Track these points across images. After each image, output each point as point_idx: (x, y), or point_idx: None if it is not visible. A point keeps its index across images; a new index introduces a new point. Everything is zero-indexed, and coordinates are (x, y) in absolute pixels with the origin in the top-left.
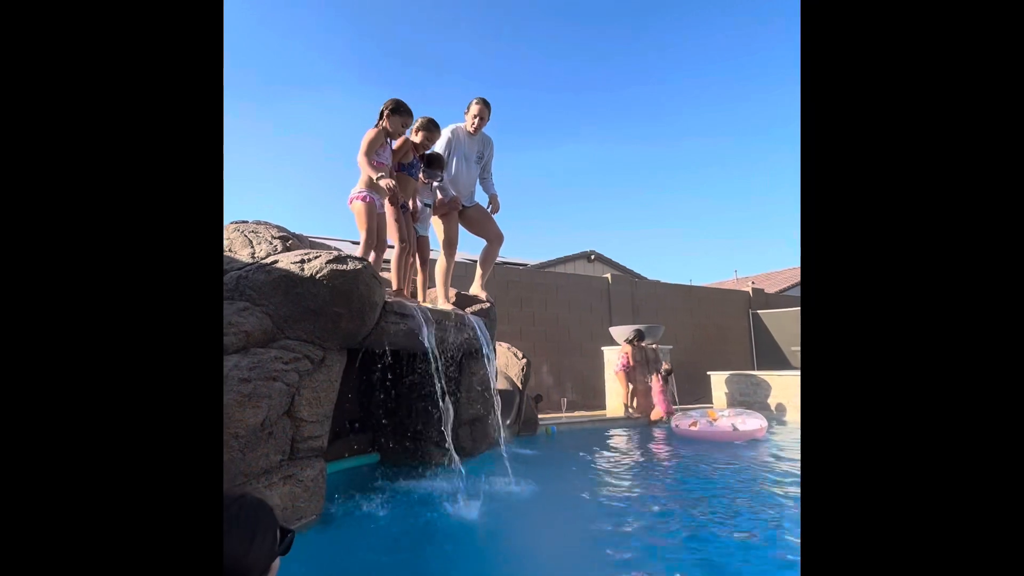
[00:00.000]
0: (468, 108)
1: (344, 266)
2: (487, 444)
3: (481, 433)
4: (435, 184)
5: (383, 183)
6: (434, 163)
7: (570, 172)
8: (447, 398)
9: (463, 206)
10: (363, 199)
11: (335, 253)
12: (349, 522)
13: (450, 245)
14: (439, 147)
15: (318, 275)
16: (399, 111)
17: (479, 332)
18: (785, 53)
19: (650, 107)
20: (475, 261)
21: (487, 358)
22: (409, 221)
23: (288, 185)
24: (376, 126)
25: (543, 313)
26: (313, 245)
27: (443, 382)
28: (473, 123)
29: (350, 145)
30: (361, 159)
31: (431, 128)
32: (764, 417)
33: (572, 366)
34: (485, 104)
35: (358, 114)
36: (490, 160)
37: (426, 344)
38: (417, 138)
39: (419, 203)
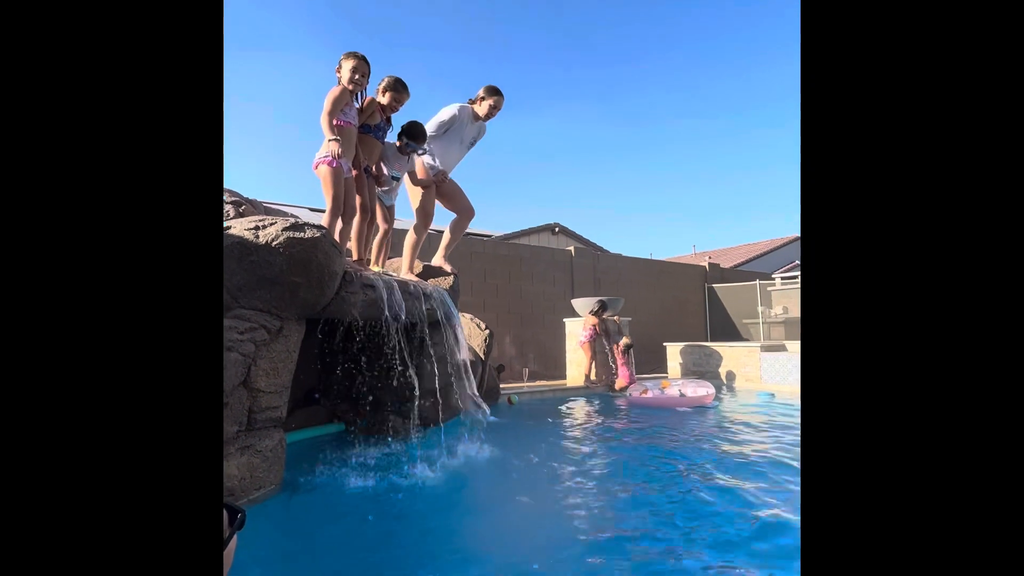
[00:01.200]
0: (487, 96)
1: (301, 234)
2: (450, 413)
3: (444, 403)
4: (419, 155)
5: (331, 146)
6: (418, 135)
7: (536, 146)
8: (410, 368)
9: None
10: (328, 163)
11: (291, 220)
12: (309, 490)
13: (426, 217)
14: (442, 120)
15: (274, 243)
16: (358, 59)
17: (443, 303)
18: (751, 37)
19: (618, 86)
20: (440, 232)
21: (451, 328)
22: (372, 187)
23: (235, 151)
24: (338, 83)
25: (507, 285)
26: (268, 212)
27: (406, 353)
28: (487, 112)
29: (302, 111)
30: (323, 120)
31: (399, 88)
32: (712, 385)
33: (534, 337)
34: (502, 98)
35: (310, 79)
36: (478, 140)
37: (388, 315)
38: (384, 99)
39: (385, 172)
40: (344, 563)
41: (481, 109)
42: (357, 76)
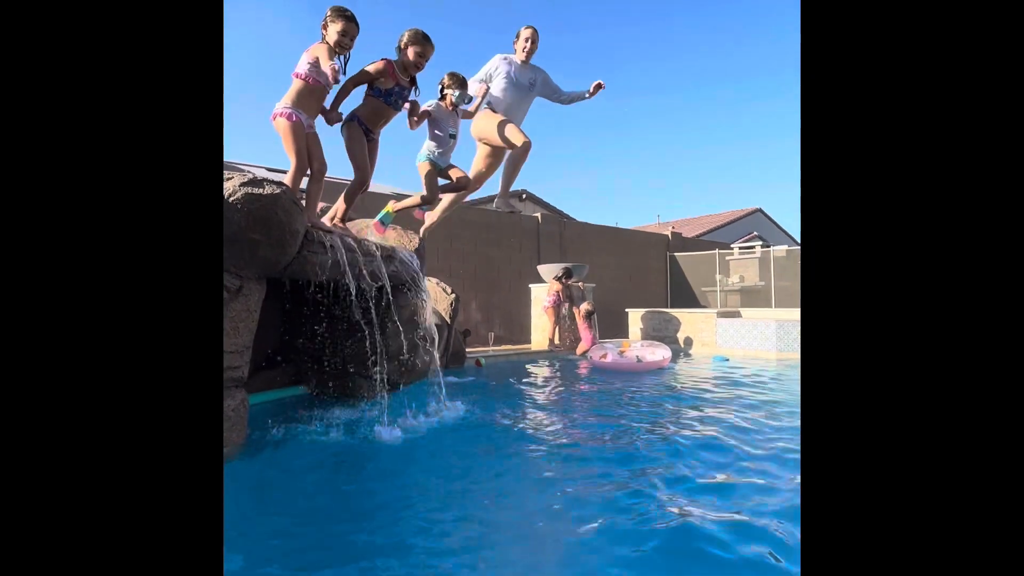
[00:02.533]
0: (518, 35)
1: (260, 190)
2: (416, 376)
3: (410, 366)
4: (465, 105)
5: (327, 67)
6: (464, 83)
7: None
8: (375, 331)
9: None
10: (287, 116)
11: (250, 176)
12: (272, 450)
13: (478, 181)
14: (488, 72)
15: (231, 199)
16: (348, 21)
17: (407, 265)
18: (720, 10)
19: (590, 54)
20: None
21: (418, 291)
22: (375, 151)
23: None
24: (322, 40)
25: (473, 250)
26: (225, 168)
27: (372, 314)
28: (525, 47)
29: (256, 64)
30: (324, 65)
31: (423, 42)
32: (669, 349)
33: (500, 303)
34: (535, 30)
35: (262, 31)
36: (549, 82)
37: (350, 276)
38: (409, 55)
39: (442, 133)
40: (308, 518)
41: (519, 51)
42: (347, 40)
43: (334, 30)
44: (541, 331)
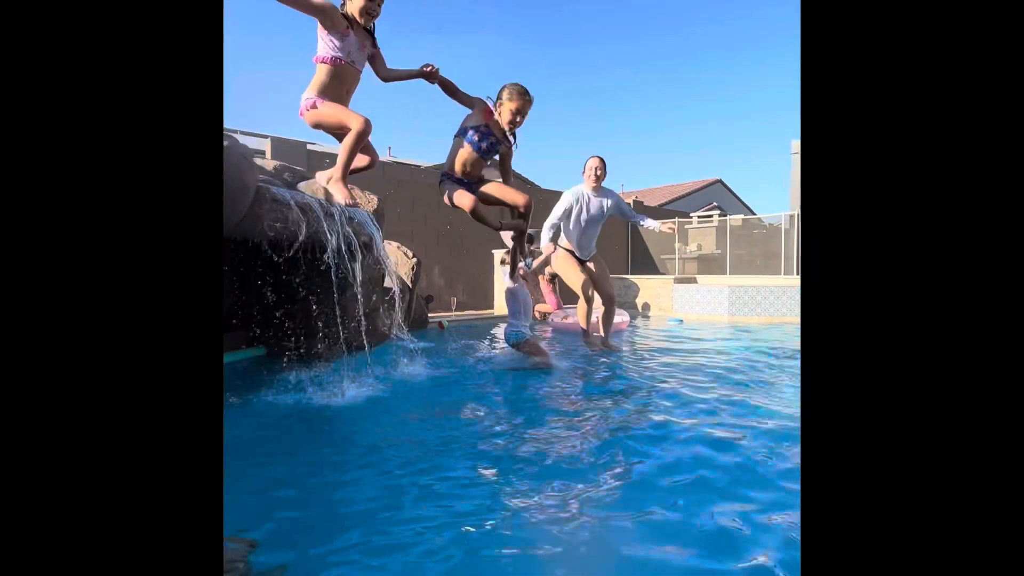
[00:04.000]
0: (585, 166)
1: None
2: (377, 339)
3: (371, 328)
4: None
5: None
6: (532, 241)
7: (472, 72)
8: (334, 293)
9: (581, 260)
10: (313, 105)
11: None
12: (228, 410)
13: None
14: (563, 211)
15: None
16: None
17: (366, 227)
18: None
19: (555, 23)
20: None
21: (377, 252)
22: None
23: None
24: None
25: (436, 215)
26: None
27: (332, 276)
28: (593, 176)
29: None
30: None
31: (526, 98)
32: (627, 313)
33: (464, 268)
34: (602, 160)
35: None
36: (620, 204)
37: (304, 236)
38: (513, 105)
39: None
40: (263, 479)
41: (587, 181)
42: (374, 5)
43: None
44: (503, 296)
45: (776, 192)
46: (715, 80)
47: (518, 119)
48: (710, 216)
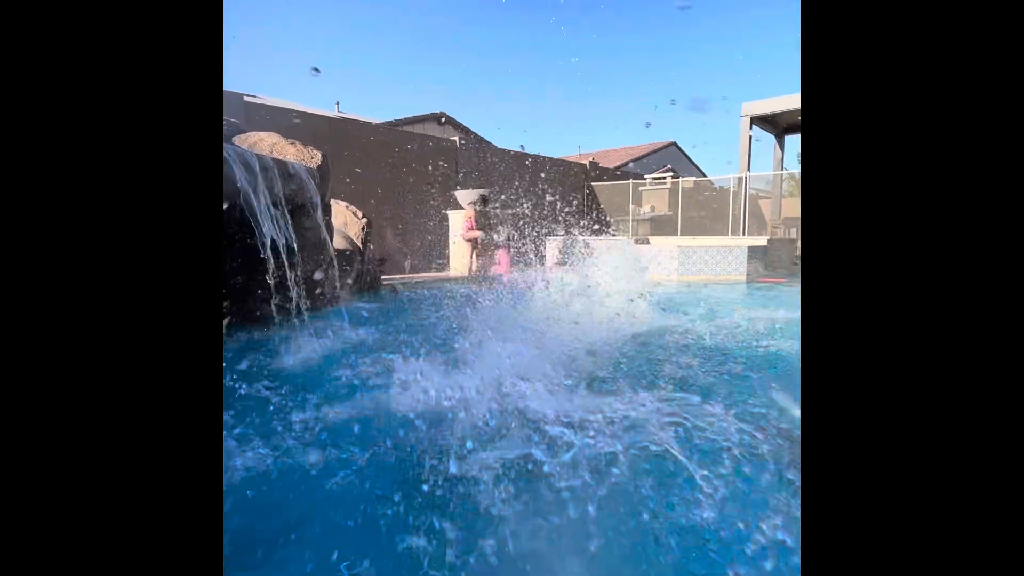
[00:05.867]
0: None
1: None
2: (325, 302)
3: (318, 291)
4: None
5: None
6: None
7: (425, 27)
8: (281, 254)
9: None
10: None
11: None
12: None
13: None
14: None
15: None
16: None
17: (309, 184)
18: None
19: None
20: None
21: (320, 212)
22: None
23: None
24: None
25: (388, 174)
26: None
27: (273, 236)
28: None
29: None
30: None
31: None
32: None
33: (418, 229)
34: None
35: None
36: None
37: (239, 192)
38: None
39: None
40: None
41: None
42: None
43: None
44: (459, 258)
45: (728, 155)
46: (673, 42)
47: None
48: (663, 179)
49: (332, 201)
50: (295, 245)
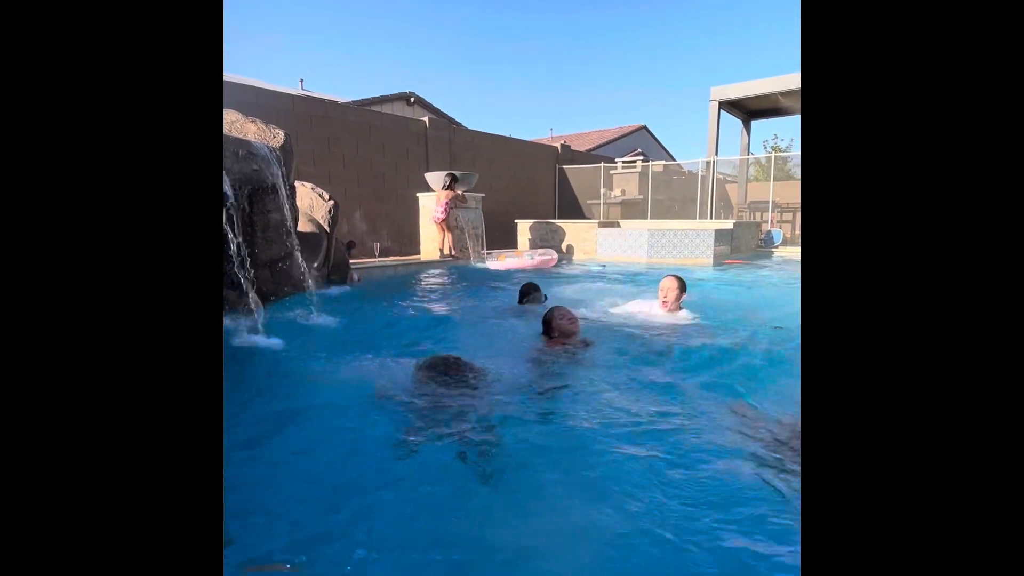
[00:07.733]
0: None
1: None
2: (291, 287)
3: (283, 276)
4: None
5: None
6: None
7: (393, 4)
8: (238, 236)
9: None
10: None
11: None
12: None
13: None
14: None
15: None
16: None
17: (272, 164)
18: None
19: None
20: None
21: (283, 194)
22: None
23: None
24: None
25: (355, 155)
26: None
27: (234, 218)
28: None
29: None
30: None
31: None
32: (555, 253)
33: (387, 212)
34: (680, 283)
35: None
36: None
37: None
38: None
39: None
40: None
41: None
42: None
43: None
44: (430, 241)
45: (697, 139)
46: (643, 25)
47: None
48: (634, 162)
49: (297, 183)
50: (261, 228)
